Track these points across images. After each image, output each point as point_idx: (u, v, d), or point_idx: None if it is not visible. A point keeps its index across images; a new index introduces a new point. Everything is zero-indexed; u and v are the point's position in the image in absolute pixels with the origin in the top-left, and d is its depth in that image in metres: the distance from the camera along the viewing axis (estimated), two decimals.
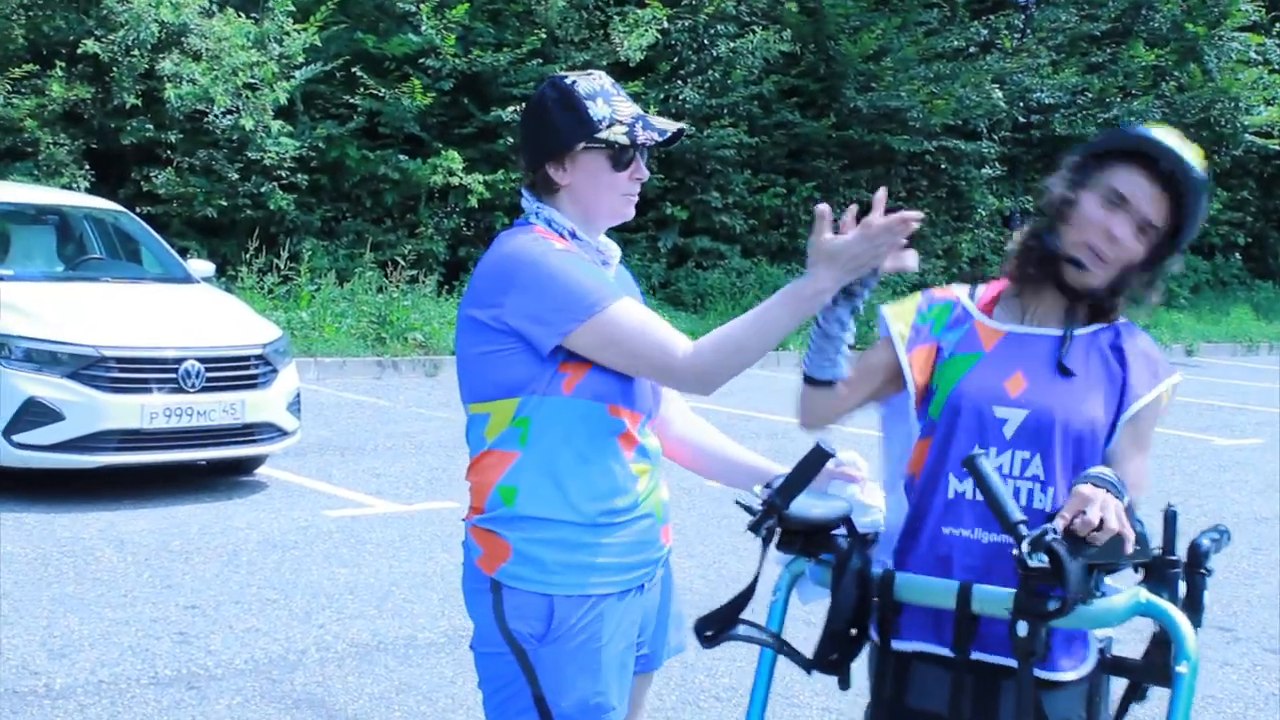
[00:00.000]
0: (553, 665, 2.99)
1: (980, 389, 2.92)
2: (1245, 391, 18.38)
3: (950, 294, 3.11)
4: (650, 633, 3.22)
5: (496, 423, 3.03)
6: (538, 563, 2.98)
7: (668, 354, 2.93)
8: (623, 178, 3.09)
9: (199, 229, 17.52)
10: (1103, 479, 2.64)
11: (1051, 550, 2.55)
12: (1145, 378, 2.94)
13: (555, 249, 3.00)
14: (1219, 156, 26.52)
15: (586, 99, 3.06)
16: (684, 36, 20.88)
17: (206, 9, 17.18)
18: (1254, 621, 7.42)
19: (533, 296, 2.95)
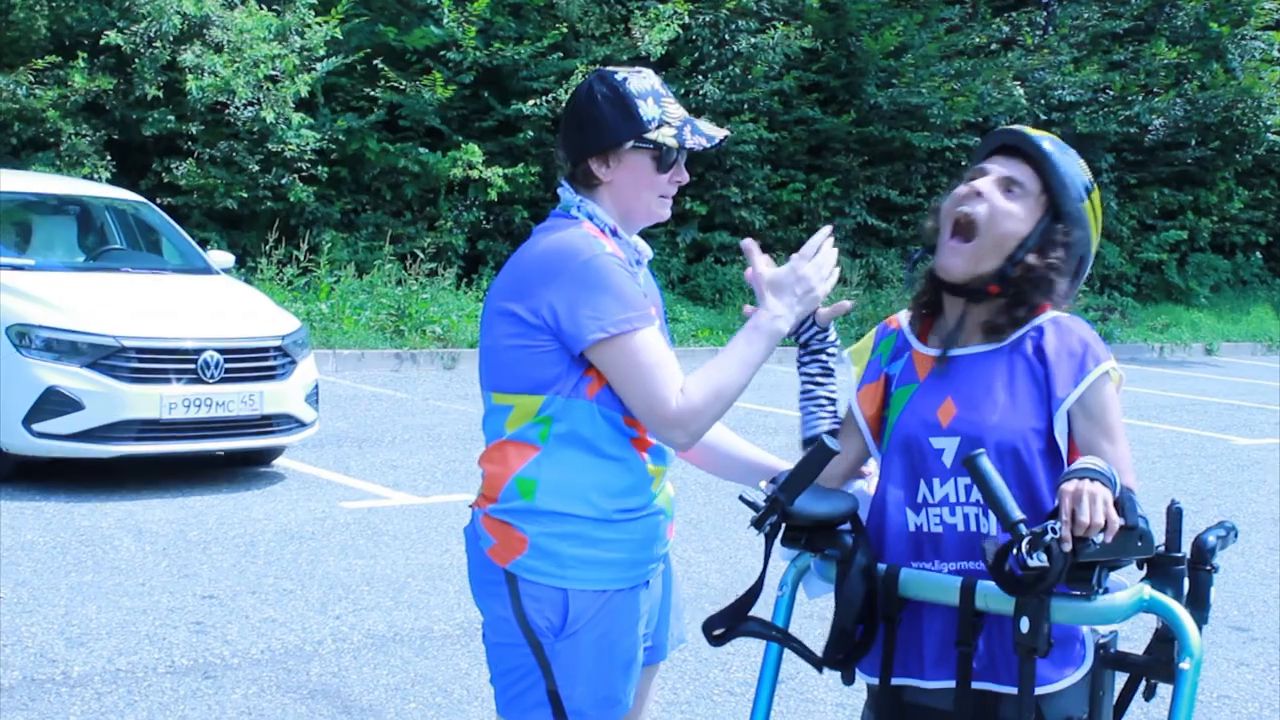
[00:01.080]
0: (568, 659, 3.00)
1: (917, 422, 2.95)
2: (1265, 390, 18.33)
3: (893, 323, 3.14)
4: (654, 625, 3.24)
5: (518, 416, 3.02)
6: (554, 556, 2.99)
7: (662, 399, 2.90)
8: (664, 179, 3.09)
9: (219, 220, 17.59)
10: (1091, 470, 2.64)
11: (1049, 550, 2.56)
12: (1068, 376, 2.91)
13: (607, 252, 2.97)
14: (1240, 155, 26.44)
15: (638, 98, 3.05)
16: (705, 31, 20.88)
17: (229, 1, 17.23)
18: (1270, 621, 7.41)
19: (577, 294, 2.92)
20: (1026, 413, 2.90)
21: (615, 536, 3.01)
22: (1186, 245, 26.43)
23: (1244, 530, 9.33)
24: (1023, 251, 2.94)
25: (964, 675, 2.83)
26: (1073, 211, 2.99)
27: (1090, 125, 24.26)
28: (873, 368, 3.08)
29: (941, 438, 2.91)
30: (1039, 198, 2.97)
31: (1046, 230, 2.97)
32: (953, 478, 2.89)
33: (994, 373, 2.94)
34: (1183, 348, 23.14)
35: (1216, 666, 6.52)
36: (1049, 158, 2.99)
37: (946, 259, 2.95)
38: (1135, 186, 25.87)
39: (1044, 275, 2.95)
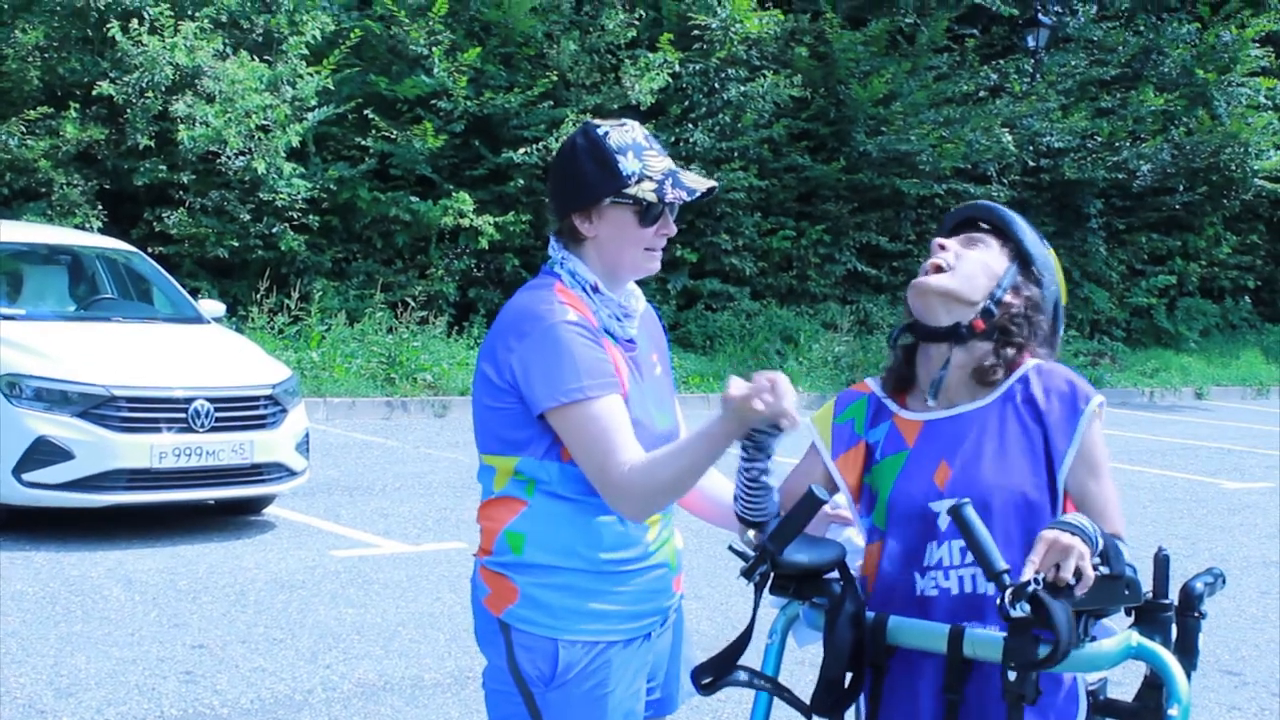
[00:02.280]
0: (559, 709, 3.01)
1: (914, 489, 2.95)
2: (1255, 435, 18.36)
3: (862, 389, 3.14)
4: (663, 677, 3.24)
5: (502, 475, 3.08)
6: (545, 607, 3.01)
7: (611, 473, 2.91)
8: (649, 233, 3.09)
9: (210, 269, 17.61)
10: (1072, 525, 2.65)
11: (1035, 599, 2.57)
12: (1065, 425, 2.93)
13: (567, 320, 2.98)
14: (1228, 200, 26.56)
15: (617, 152, 3.04)
16: (695, 80, 20.98)
17: (220, 52, 17.30)
18: (1261, 666, 7.41)
19: (532, 362, 2.96)
20: (1023, 466, 2.92)
21: (608, 588, 3.02)
22: (1175, 290, 26.51)
23: (1235, 574, 9.35)
24: (1000, 290, 2.99)
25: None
26: (1039, 255, 3.06)
27: (1079, 171, 24.36)
28: (845, 433, 3.08)
29: (940, 500, 2.92)
30: (1002, 248, 3.05)
31: (1019, 271, 3.03)
32: (947, 541, 2.91)
33: (985, 430, 2.96)
34: (1173, 392, 23.18)
35: (1209, 711, 6.52)
36: (999, 212, 3.09)
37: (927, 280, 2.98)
38: (1124, 232, 25.97)
39: (1024, 313, 3.00)
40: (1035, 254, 3.05)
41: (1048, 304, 3.05)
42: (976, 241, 3.03)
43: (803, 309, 21.72)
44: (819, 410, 3.15)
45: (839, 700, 2.91)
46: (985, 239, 3.04)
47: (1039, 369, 3.00)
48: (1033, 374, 2.99)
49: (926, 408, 3.03)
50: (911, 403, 3.06)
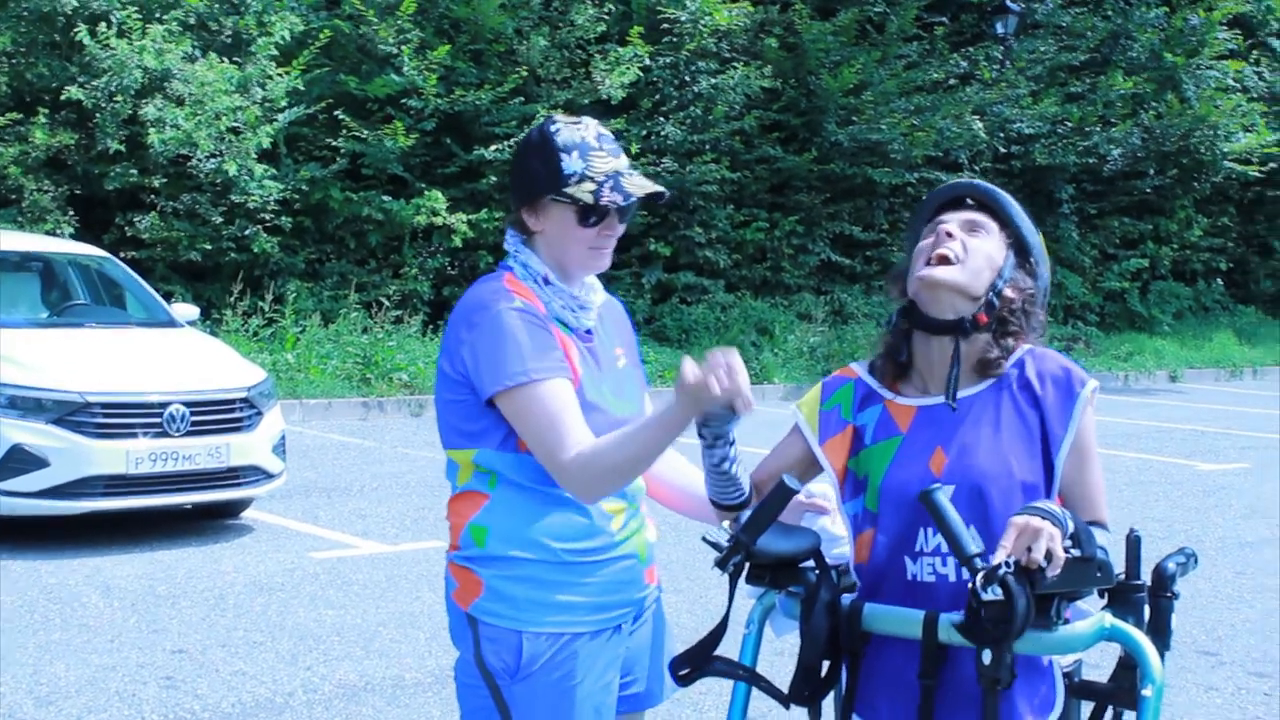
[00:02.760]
0: (525, 702, 3.03)
1: (908, 475, 2.94)
2: (1229, 416, 18.45)
3: (849, 374, 3.13)
4: (645, 671, 3.25)
5: (465, 470, 3.11)
6: (509, 599, 3.03)
7: (558, 455, 2.92)
8: (590, 233, 3.08)
9: (183, 273, 17.55)
10: (1043, 510, 2.66)
11: (1005, 584, 2.58)
12: (1061, 411, 2.94)
13: (512, 306, 3.01)
14: (1199, 183, 26.67)
15: (562, 150, 3.05)
16: (665, 73, 20.98)
17: (189, 54, 17.24)
18: (1238, 646, 7.45)
19: (479, 350, 2.99)
20: (1020, 452, 2.92)
21: (572, 579, 3.03)
22: (1148, 274, 26.63)
23: (1210, 555, 9.40)
24: (1001, 282, 2.98)
25: (926, 708, 2.84)
26: (1035, 243, 3.06)
27: (1049, 157, 24.44)
28: (832, 419, 3.06)
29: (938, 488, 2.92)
30: (1000, 234, 3.02)
31: (1016, 263, 3.02)
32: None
33: (981, 416, 2.96)
34: (1147, 375, 23.28)
35: (1186, 691, 6.56)
36: (999, 197, 3.06)
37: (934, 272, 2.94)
38: (1096, 216, 26.07)
39: (1021, 306, 3.00)
40: (1033, 243, 3.05)
41: (1041, 294, 3.05)
42: (978, 228, 3.00)
43: (777, 300, 21.75)
44: (805, 396, 3.14)
45: (816, 689, 2.92)
46: (986, 224, 3.01)
47: (1032, 353, 3.01)
48: (1027, 359, 3.00)
49: (920, 393, 3.03)
50: (903, 388, 3.05)
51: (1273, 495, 12.14)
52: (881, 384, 3.07)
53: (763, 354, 19.93)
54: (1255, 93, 27.78)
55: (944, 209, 3.09)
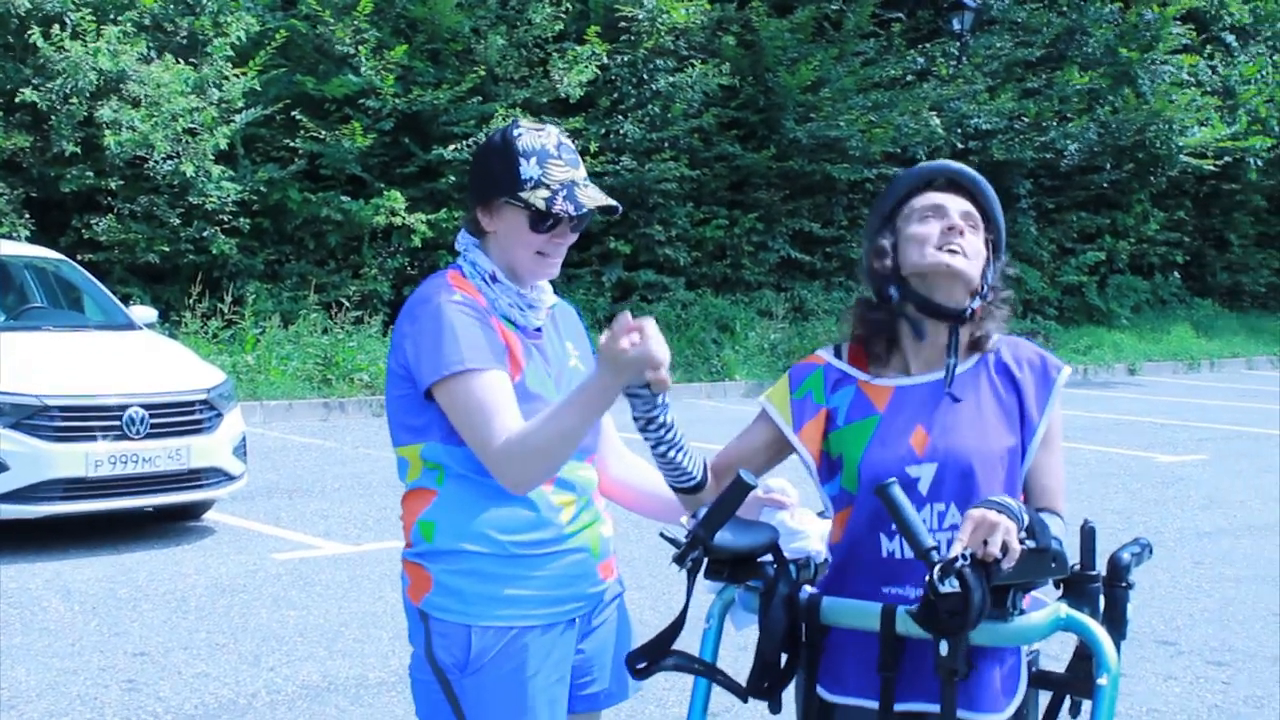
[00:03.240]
0: (475, 696, 3.04)
1: (888, 454, 2.96)
2: (1187, 409, 18.58)
3: (816, 361, 3.15)
4: (606, 669, 3.26)
5: (414, 466, 3.13)
6: (458, 593, 3.05)
7: (488, 443, 2.94)
8: (540, 239, 3.11)
9: (141, 275, 17.47)
10: (997, 504, 2.69)
11: (962, 576, 2.60)
12: (1039, 393, 3.01)
13: (453, 300, 3.04)
14: (1155, 177, 26.83)
15: (522, 155, 3.09)
16: (623, 72, 20.99)
17: (145, 56, 17.15)
18: (1196, 635, 7.51)
19: (418, 342, 3.02)
20: (999, 430, 2.97)
21: (520, 573, 3.05)
22: (1106, 267, 26.76)
23: (1169, 546, 9.48)
24: (991, 274, 3.05)
25: (886, 699, 2.87)
26: (1005, 243, 3.13)
27: (1007, 152, 24.54)
28: (805, 406, 3.07)
29: (918, 465, 2.94)
30: (982, 230, 3.07)
31: (993, 262, 3.08)
32: (928, 504, 2.93)
33: (962, 395, 2.99)
34: (1106, 369, 23.42)
35: (1145, 681, 6.61)
36: (986, 189, 3.10)
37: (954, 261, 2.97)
38: (1053, 211, 26.19)
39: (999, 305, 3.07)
40: (1004, 242, 3.12)
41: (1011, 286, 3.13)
42: (974, 225, 3.04)
43: (738, 297, 21.78)
44: (773, 388, 3.15)
45: (775, 682, 2.94)
46: (975, 216, 3.05)
47: (1004, 341, 3.08)
48: (1003, 345, 3.07)
49: (899, 374, 3.05)
50: (875, 369, 3.08)
51: (1230, 486, 12.25)
52: (853, 366, 3.09)
53: (724, 351, 19.97)
54: (1209, 87, 27.96)
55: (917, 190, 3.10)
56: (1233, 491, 11.98)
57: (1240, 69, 28.57)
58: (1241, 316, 28.68)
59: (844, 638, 2.93)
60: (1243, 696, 6.52)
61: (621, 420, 3.12)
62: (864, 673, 2.90)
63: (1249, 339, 27.27)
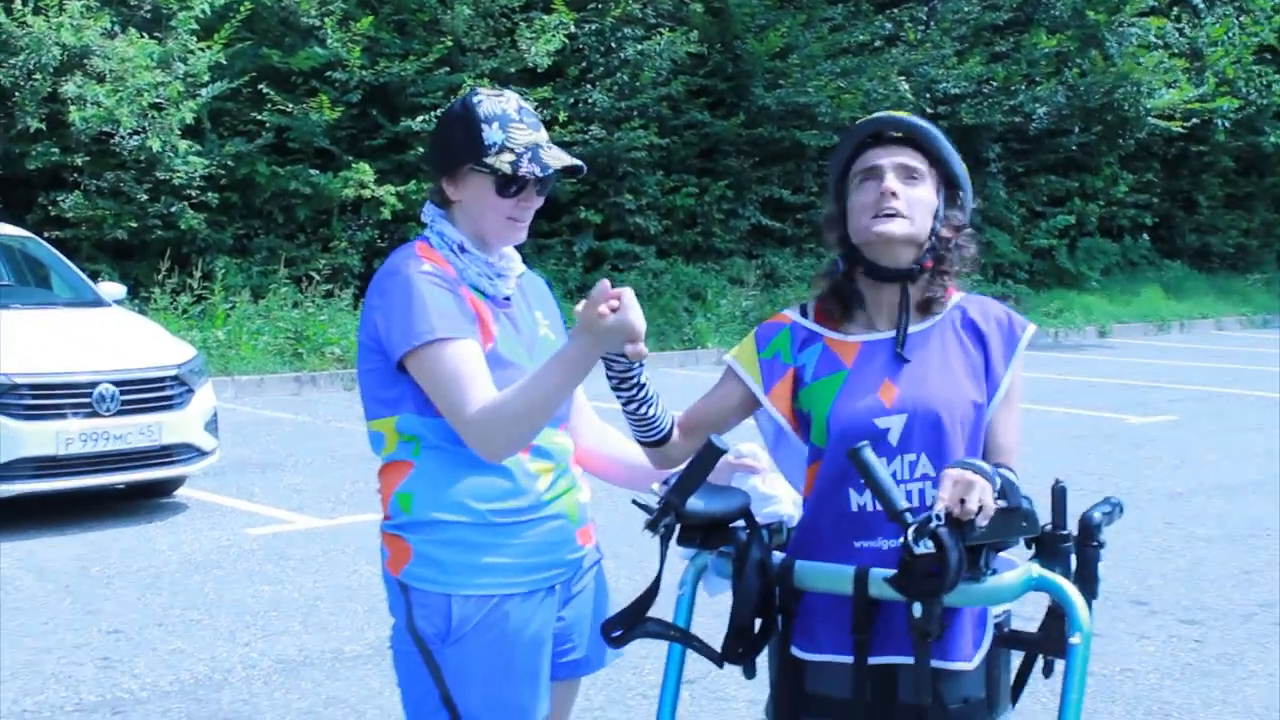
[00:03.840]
0: (457, 665, 3.04)
1: (858, 406, 2.96)
2: (1157, 370, 18.66)
3: (782, 320, 3.14)
4: (585, 638, 3.26)
5: (390, 439, 3.11)
6: (437, 563, 3.04)
7: (462, 411, 2.92)
8: (508, 204, 3.10)
9: (109, 252, 17.37)
10: (972, 465, 2.70)
11: (937, 536, 2.61)
12: (1004, 349, 3.02)
13: (421, 270, 3.02)
14: (1123, 140, 26.88)
15: (484, 121, 3.08)
16: (591, 40, 20.92)
17: (109, 30, 17.03)
18: (1168, 595, 7.56)
19: (389, 313, 3.01)
20: (966, 384, 2.97)
21: (499, 541, 3.04)
22: (1075, 230, 26.83)
23: (1141, 506, 9.53)
24: (938, 223, 3.02)
25: (860, 658, 2.87)
26: (962, 174, 3.09)
27: (976, 117, 24.57)
28: (775, 366, 3.07)
29: (887, 417, 2.93)
30: (930, 172, 3.04)
31: (947, 201, 3.05)
32: (899, 455, 2.92)
33: (927, 350, 3.00)
34: (1077, 331, 23.50)
35: (1118, 640, 6.65)
36: (928, 132, 3.06)
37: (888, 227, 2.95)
38: (1023, 175, 26.24)
39: (958, 243, 3.05)
40: (960, 174, 3.08)
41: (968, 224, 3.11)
42: (915, 175, 3.00)
43: (709, 265, 21.78)
44: (738, 347, 3.14)
45: (749, 647, 2.94)
46: (918, 168, 3.01)
47: (969, 297, 3.09)
48: (966, 302, 3.07)
49: (866, 329, 3.04)
50: (845, 326, 3.07)
51: (1201, 447, 12.31)
52: (819, 324, 3.09)
53: (695, 319, 19.97)
54: (1176, 49, 27.99)
55: (866, 144, 3.08)
56: (1203, 452, 12.04)
57: (1207, 31, 28.62)
58: (1210, 277, 28.80)
59: (817, 599, 2.94)
60: (1215, 654, 6.57)
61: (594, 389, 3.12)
62: (838, 631, 2.91)
63: (1218, 300, 27.39)
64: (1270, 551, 8.52)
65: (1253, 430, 13.26)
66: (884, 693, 2.89)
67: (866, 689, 2.88)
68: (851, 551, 2.92)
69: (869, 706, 2.88)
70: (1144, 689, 6.09)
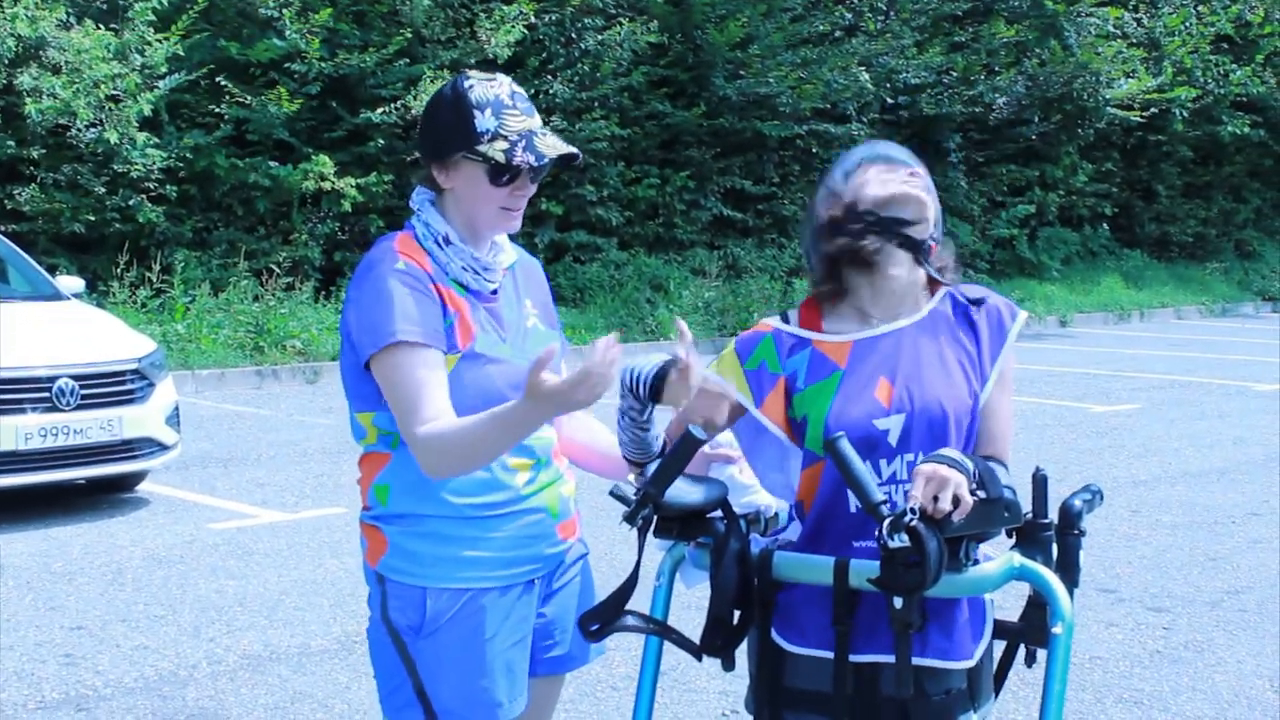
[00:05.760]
0: (431, 657, 3.02)
1: (855, 409, 2.91)
2: (1118, 359, 18.75)
3: (762, 329, 3.07)
4: (569, 634, 3.22)
5: (370, 431, 3.09)
6: (413, 556, 3.02)
7: (410, 423, 2.89)
8: (502, 193, 3.03)
9: (67, 245, 17.22)
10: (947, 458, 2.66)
11: (912, 530, 2.58)
12: (994, 340, 3.00)
13: (395, 268, 2.96)
14: (1082, 129, 26.97)
15: (476, 108, 3.00)
16: (551, 31, 20.86)
17: (64, 21, 16.88)
18: (1135, 582, 7.58)
19: (359, 312, 2.97)
20: (960, 380, 2.95)
21: (475, 535, 3.01)
22: (1036, 220, 26.91)
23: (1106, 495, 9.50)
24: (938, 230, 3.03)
25: (841, 651, 2.85)
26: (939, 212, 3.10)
27: (936, 107, 24.61)
28: (763, 377, 3.00)
29: (886, 418, 2.89)
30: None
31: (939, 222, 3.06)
32: (898, 455, 2.88)
33: (919, 344, 2.96)
34: (1037, 321, 23.58)
35: (1087, 629, 6.65)
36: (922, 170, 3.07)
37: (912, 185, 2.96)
38: (983, 165, 26.31)
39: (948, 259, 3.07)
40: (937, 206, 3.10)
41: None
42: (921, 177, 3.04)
43: (671, 257, 21.75)
44: (719, 361, 3.06)
45: (728, 639, 2.91)
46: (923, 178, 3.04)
47: (959, 288, 3.07)
48: (955, 291, 3.05)
49: (857, 326, 3.00)
50: (829, 326, 3.03)
51: (1164, 435, 12.37)
52: (804, 329, 3.05)
53: (658, 310, 19.94)
54: (1135, 39, 28.10)
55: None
56: (1166, 440, 12.09)
57: (1165, 21, 28.73)
58: (1170, 267, 28.94)
59: (800, 590, 2.91)
60: (1183, 641, 6.58)
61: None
62: (823, 623, 2.88)
63: (1177, 289, 27.53)
64: (1235, 539, 8.55)
65: (1215, 418, 13.33)
66: (866, 685, 2.87)
67: (848, 681, 2.85)
68: (850, 553, 2.88)
69: (851, 699, 2.86)
70: (1113, 676, 6.10)
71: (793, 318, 3.06)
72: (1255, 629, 6.78)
